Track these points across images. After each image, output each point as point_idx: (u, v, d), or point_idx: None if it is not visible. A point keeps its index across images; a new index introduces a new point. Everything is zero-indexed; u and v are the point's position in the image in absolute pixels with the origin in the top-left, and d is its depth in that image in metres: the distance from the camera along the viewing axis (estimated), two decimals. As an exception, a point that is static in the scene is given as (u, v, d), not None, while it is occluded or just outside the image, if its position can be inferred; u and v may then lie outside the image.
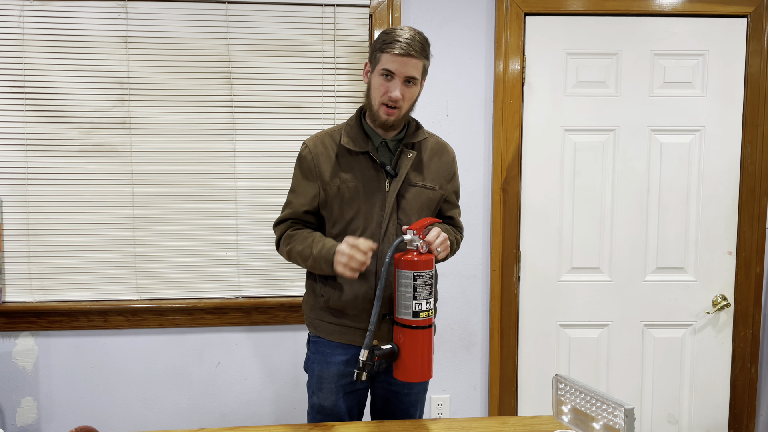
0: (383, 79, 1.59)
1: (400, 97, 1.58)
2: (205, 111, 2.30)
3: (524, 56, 2.39)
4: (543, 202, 2.44)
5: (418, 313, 1.51)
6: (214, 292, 2.36)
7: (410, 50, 1.56)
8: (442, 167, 1.74)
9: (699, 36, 2.40)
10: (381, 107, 1.61)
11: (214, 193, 2.33)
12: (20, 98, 2.24)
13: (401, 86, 1.59)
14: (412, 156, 1.67)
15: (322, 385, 1.71)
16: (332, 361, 1.70)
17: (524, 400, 2.50)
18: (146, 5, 2.25)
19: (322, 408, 1.72)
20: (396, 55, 1.56)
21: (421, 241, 1.52)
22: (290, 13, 2.30)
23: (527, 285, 2.47)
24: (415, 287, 1.50)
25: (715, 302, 2.47)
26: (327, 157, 1.66)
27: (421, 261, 1.50)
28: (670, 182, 2.44)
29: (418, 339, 1.52)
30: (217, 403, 2.41)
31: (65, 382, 2.34)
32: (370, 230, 1.64)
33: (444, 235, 1.58)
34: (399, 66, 1.57)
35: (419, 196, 1.67)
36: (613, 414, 1.31)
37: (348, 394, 1.71)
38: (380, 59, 1.59)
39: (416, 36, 1.59)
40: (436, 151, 1.74)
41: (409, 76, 1.58)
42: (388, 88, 1.59)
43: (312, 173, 1.67)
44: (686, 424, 2.53)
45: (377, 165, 1.64)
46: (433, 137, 1.78)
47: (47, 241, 2.28)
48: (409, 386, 1.75)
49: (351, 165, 1.65)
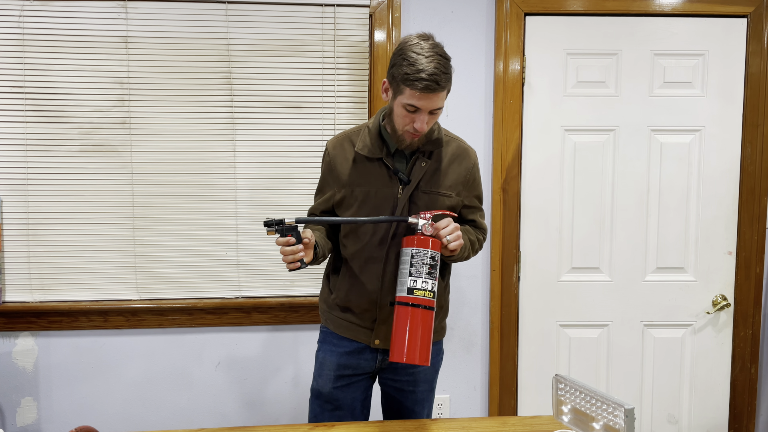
0: (407, 111, 1.53)
1: (426, 129, 1.56)
2: (205, 111, 2.30)
3: (524, 56, 2.39)
4: (543, 202, 2.44)
5: (413, 290, 1.50)
6: (214, 292, 2.36)
7: (436, 87, 1.48)
8: (461, 173, 1.71)
9: (699, 36, 2.40)
10: (406, 133, 1.58)
11: (214, 193, 2.33)
12: (20, 98, 2.24)
13: (427, 117, 1.54)
14: (426, 164, 1.65)
15: (323, 370, 1.75)
16: (335, 351, 1.74)
17: (524, 400, 2.50)
18: (146, 5, 2.25)
19: (320, 393, 1.75)
20: (422, 92, 1.48)
21: (426, 223, 1.53)
22: (290, 13, 2.30)
23: (527, 285, 2.47)
24: (411, 264, 1.50)
25: (715, 302, 2.47)
26: (344, 160, 1.68)
27: (420, 239, 1.51)
28: (670, 182, 2.44)
29: (411, 317, 1.49)
30: (217, 403, 2.41)
31: (65, 382, 2.34)
32: (379, 235, 1.65)
33: (455, 225, 1.56)
34: (425, 103, 1.50)
35: (432, 204, 1.66)
36: (613, 414, 1.31)
37: (346, 385, 1.73)
38: (403, 92, 1.50)
39: (439, 65, 1.48)
40: (456, 156, 1.71)
41: (436, 108, 1.53)
42: (413, 120, 1.53)
43: (330, 175, 1.71)
44: (686, 424, 2.53)
45: (391, 171, 1.64)
46: (455, 141, 1.74)
47: (47, 241, 2.28)
48: (413, 383, 1.76)
49: (367, 170, 1.66)
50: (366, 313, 1.69)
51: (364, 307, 1.68)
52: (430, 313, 1.50)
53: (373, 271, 1.66)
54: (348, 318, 1.72)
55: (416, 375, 1.76)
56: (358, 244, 1.67)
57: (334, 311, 1.75)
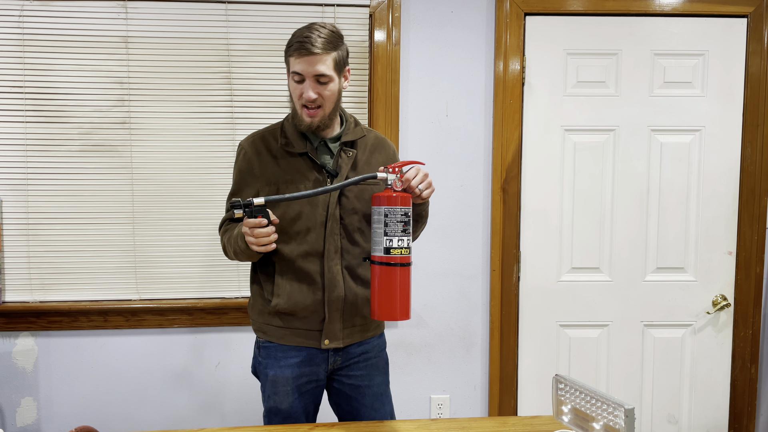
0: (295, 83, 1.57)
1: (316, 97, 1.56)
2: (205, 111, 2.30)
3: (524, 56, 2.39)
4: (543, 202, 2.44)
5: (389, 249, 1.50)
6: (214, 292, 2.36)
7: (312, 48, 1.52)
8: (383, 162, 1.71)
9: (699, 36, 2.40)
10: (302, 110, 1.59)
11: (214, 193, 2.32)
12: (20, 98, 2.24)
13: (314, 86, 1.55)
14: (352, 155, 1.65)
15: (277, 388, 1.67)
16: (285, 364, 1.67)
17: (524, 400, 2.50)
18: (146, 5, 2.25)
19: (278, 410, 1.68)
20: (299, 56, 1.53)
21: (396, 177, 1.51)
22: (290, 13, 2.30)
23: (527, 285, 2.47)
24: (386, 223, 1.49)
25: (715, 302, 2.47)
26: (265, 158, 1.64)
27: (392, 197, 1.50)
28: (670, 182, 2.44)
29: (390, 276, 1.50)
30: (217, 403, 2.41)
31: (65, 382, 2.34)
32: (315, 231, 1.62)
33: (425, 172, 1.56)
34: (305, 66, 1.53)
35: (363, 194, 1.65)
36: (613, 414, 1.31)
37: (303, 394, 1.68)
38: (289, 63, 1.57)
39: (319, 30, 1.54)
40: (376, 146, 1.73)
41: (318, 74, 1.54)
42: (302, 90, 1.56)
43: (251, 175, 1.65)
44: (686, 424, 2.53)
45: (317, 165, 1.63)
46: (373, 132, 1.76)
47: (47, 241, 2.28)
48: (368, 377, 1.72)
49: (291, 165, 1.63)
50: (313, 315, 1.64)
51: (310, 308, 1.63)
52: (407, 269, 1.52)
53: (314, 266, 1.62)
54: (292, 324, 1.65)
55: (369, 368, 1.72)
56: (293, 242, 1.62)
57: (273, 322, 1.67)
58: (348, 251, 1.65)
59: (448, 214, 2.42)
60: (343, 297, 1.64)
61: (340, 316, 1.65)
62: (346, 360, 1.70)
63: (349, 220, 1.64)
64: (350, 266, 1.65)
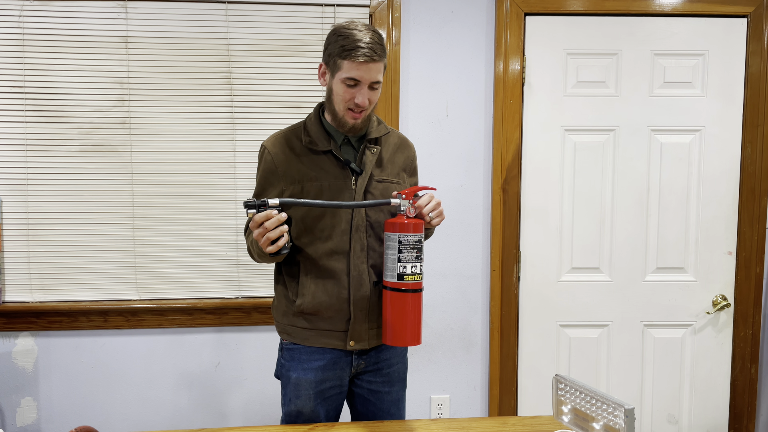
0: (347, 86, 1.53)
1: (368, 103, 1.56)
2: (205, 111, 2.30)
3: (524, 56, 2.39)
4: (543, 202, 2.44)
5: (403, 276, 1.51)
6: (214, 292, 2.36)
7: (374, 56, 1.50)
8: (404, 161, 1.72)
9: (699, 36, 2.40)
10: (347, 113, 1.57)
11: (214, 193, 2.33)
12: (20, 98, 2.24)
13: (367, 92, 1.54)
14: (376, 152, 1.64)
15: (300, 392, 1.65)
16: (309, 368, 1.65)
17: (524, 400, 2.50)
18: (146, 5, 2.25)
19: (300, 414, 1.66)
20: (361, 63, 1.50)
21: (409, 204, 1.53)
22: (290, 13, 2.30)
23: (527, 285, 2.47)
24: (399, 250, 1.51)
25: (715, 302, 2.47)
26: (289, 157, 1.63)
27: (405, 224, 1.51)
28: (670, 182, 2.44)
29: (403, 302, 1.52)
30: (217, 403, 2.41)
31: (65, 382, 2.34)
32: (339, 228, 1.60)
33: (437, 200, 1.56)
34: (364, 73, 1.51)
35: (386, 192, 1.65)
36: (613, 414, 1.31)
37: (326, 399, 1.67)
38: (341, 66, 1.52)
39: (374, 36, 1.52)
40: (399, 145, 1.73)
41: (375, 81, 1.54)
42: (354, 95, 1.53)
43: (274, 174, 1.63)
44: (686, 424, 2.53)
45: (342, 163, 1.62)
46: (395, 131, 1.76)
47: (47, 241, 2.28)
48: (389, 384, 1.72)
49: (315, 164, 1.62)
50: (338, 314, 1.62)
51: (335, 307, 1.61)
52: (419, 295, 1.54)
53: (340, 265, 1.60)
54: (317, 325, 1.64)
55: (391, 375, 1.72)
56: (318, 241, 1.61)
57: (298, 323, 1.65)
58: (374, 249, 1.63)
59: (448, 214, 2.42)
60: (369, 296, 1.62)
61: (366, 315, 1.63)
62: (370, 365, 1.69)
63: (375, 218, 1.63)
64: (376, 265, 1.64)
